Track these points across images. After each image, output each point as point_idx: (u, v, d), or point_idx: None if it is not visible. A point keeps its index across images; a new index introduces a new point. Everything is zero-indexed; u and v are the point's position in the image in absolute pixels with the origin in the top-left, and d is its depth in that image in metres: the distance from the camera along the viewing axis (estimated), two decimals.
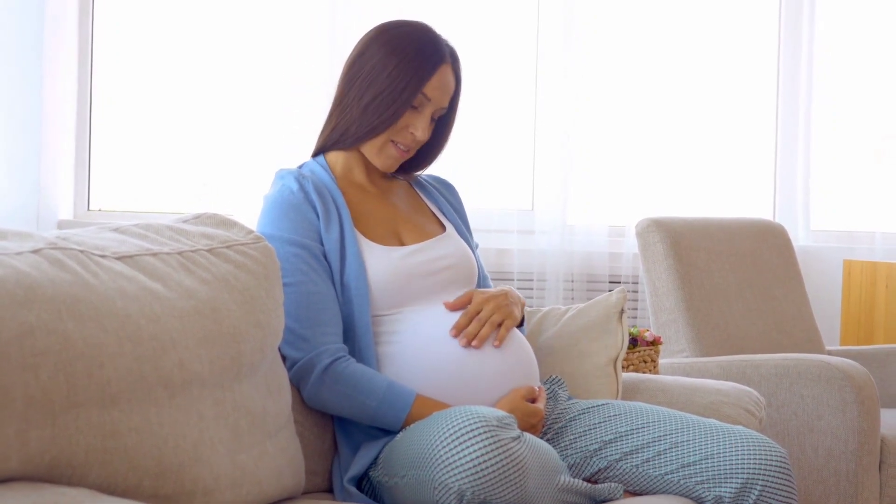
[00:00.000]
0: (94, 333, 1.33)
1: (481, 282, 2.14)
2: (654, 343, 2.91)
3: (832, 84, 4.24)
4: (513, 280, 3.84)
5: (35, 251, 1.37)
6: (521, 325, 2.08)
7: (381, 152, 2.02)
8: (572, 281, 3.85)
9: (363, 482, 1.85)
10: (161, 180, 3.87)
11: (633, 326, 3.02)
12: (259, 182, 3.56)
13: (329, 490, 1.93)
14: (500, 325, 1.93)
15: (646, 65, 3.96)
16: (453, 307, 1.95)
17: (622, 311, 2.22)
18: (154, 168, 3.87)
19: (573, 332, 2.21)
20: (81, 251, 1.44)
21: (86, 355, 1.31)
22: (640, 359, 2.85)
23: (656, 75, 3.98)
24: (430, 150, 2.12)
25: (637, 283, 3.85)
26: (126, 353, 1.37)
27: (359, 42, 2.05)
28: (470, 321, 1.92)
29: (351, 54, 2.05)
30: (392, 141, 2.01)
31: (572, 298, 3.82)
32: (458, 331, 1.91)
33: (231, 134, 3.73)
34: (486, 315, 1.93)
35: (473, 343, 1.89)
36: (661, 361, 3.06)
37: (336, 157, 2.07)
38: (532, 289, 3.84)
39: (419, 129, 2.00)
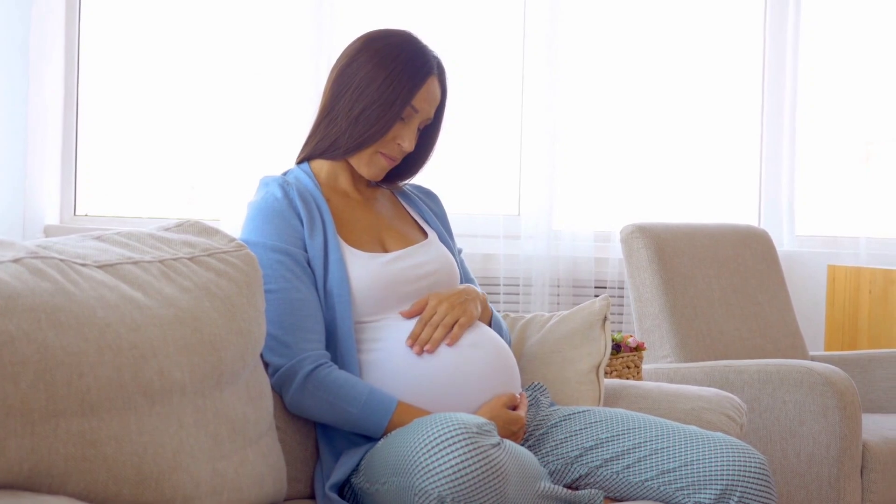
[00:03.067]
0: (74, 342, 1.34)
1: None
2: (638, 349, 2.92)
3: (817, 90, 4.26)
4: (499, 285, 3.85)
5: (15, 260, 1.38)
6: (491, 321, 2.09)
7: (370, 162, 2.03)
8: (558, 286, 3.87)
9: (345, 489, 1.86)
10: (148, 185, 3.88)
11: (618, 332, 3.03)
12: (246, 187, 3.57)
13: (311, 496, 1.93)
14: (456, 325, 1.93)
15: (632, 71, 3.99)
16: (409, 315, 1.95)
17: (605, 319, 2.23)
18: (141, 173, 3.87)
19: (556, 338, 2.22)
20: (62, 260, 1.45)
21: (65, 364, 1.32)
22: (623, 364, 2.86)
23: (642, 81, 4.00)
24: (415, 159, 2.14)
25: (623, 288, 3.87)
26: (106, 362, 1.37)
27: (345, 51, 2.06)
28: (424, 327, 1.92)
29: (338, 63, 2.05)
30: (380, 152, 2.02)
31: (558, 303, 3.84)
32: (413, 339, 1.91)
33: (218, 139, 3.74)
34: (439, 318, 1.93)
35: (426, 348, 1.89)
36: (645, 367, 3.07)
37: (321, 165, 2.08)
38: (518, 294, 3.86)
39: (406, 141, 2.01)
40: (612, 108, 3.95)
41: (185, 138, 3.86)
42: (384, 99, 1.97)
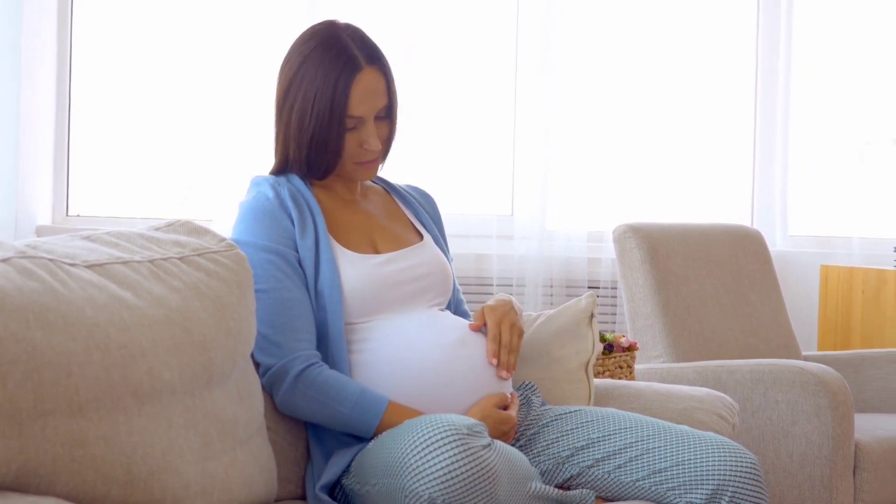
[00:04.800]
0: (63, 342, 1.34)
1: (454, 294, 2.15)
2: (630, 349, 2.92)
3: (810, 90, 4.27)
4: (492, 285, 3.85)
5: (4, 260, 1.37)
6: None
7: (353, 172, 2.02)
8: (551, 286, 3.87)
9: (336, 490, 1.86)
10: (140, 185, 3.87)
11: (610, 332, 3.03)
12: (240, 188, 3.55)
13: (302, 497, 1.93)
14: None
15: (625, 71, 3.99)
16: (476, 328, 1.96)
17: (592, 316, 2.22)
18: (133, 174, 3.86)
19: (544, 338, 2.22)
20: (51, 260, 1.44)
21: (54, 364, 1.31)
22: (615, 364, 2.86)
23: (636, 81, 4.00)
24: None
25: (616, 288, 3.86)
26: (94, 362, 1.37)
27: (283, 70, 2.01)
28: (498, 346, 1.93)
29: (279, 83, 2.01)
30: (353, 162, 1.99)
31: (551, 304, 3.84)
32: (496, 359, 1.93)
33: (211, 139, 3.73)
34: (507, 339, 1.94)
35: (506, 375, 1.93)
36: (638, 367, 3.07)
37: None
38: (511, 294, 3.85)
39: (370, 140, 1.97)
40: (606, 108, 3.96)
41: (177, 138, 3.85)
42: (323, 124, 1.92)
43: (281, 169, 2.04)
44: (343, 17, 3.72)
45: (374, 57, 1.97)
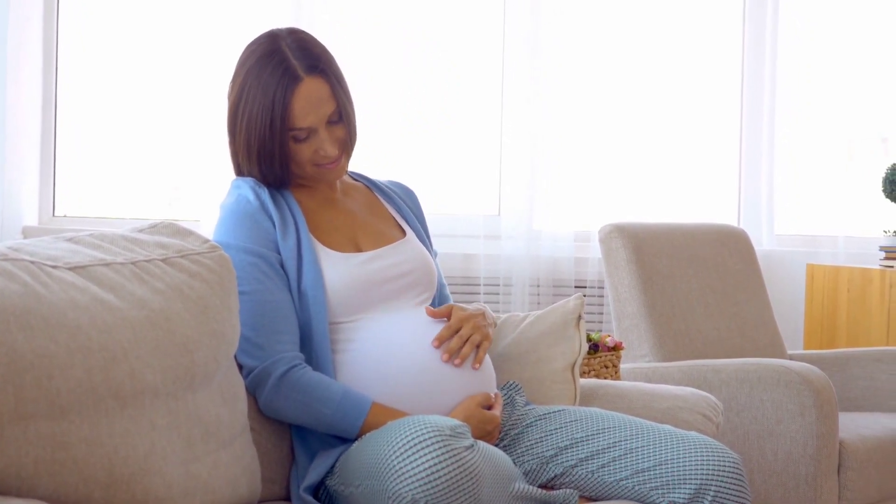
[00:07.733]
0: (44, 345, 1.34)
1: (439, 290, 2.15)
2: (616, 349, 2.93)
3: (796, 88, 4.28)
4: (479, 285, 3.86)
5: None
6: None
7: (317, 177, 2.00)
8: (538, 286, 3.88)
9: (320, 490, 1.86)
10: (128, 186, 3.87)
11: (596, 332, 3.04)
12: (227, 188, 3.56)
13: (286, 498, 1.93)
14: (478, 345, 1.94)
15: (612, 71, 4.00)
16: (434, 315, 1.95)
17: (580, 318, 2.23)
18: (121, 173, 3.86)
19: (531, 338, 2.23)
20: (32, 262, 1.44)
21: (35, 367, 1.32)
22: (601, 364, 2.87)
23: (622, 81, 4.01)
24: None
25: (603, 287, 3.87)
26: (76, 365, 1.37)
27: (231, 86, 1.99)
28: (451, 335, 1.92)
29: (229, 101, 2.00)
30: (314, 166, 1.98)
31: (538, 303, 3.85)
32: (440, 342, 1.91)
33: (199, 138, 3.73)
34: (467, 333, 1.93)
35: (455, 361, 1.90)
36: (623, 366, 3.08)
37: None
38: (498, 293, 3.86)
39: (324, 147, 1.95)
40: (592, 108, 3.96)
41: (165, 139, 3.85)
42: (266, 138, 1.92)
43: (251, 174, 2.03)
44: (330, 17, 3.74)
45: (314, 65, 1.92)
